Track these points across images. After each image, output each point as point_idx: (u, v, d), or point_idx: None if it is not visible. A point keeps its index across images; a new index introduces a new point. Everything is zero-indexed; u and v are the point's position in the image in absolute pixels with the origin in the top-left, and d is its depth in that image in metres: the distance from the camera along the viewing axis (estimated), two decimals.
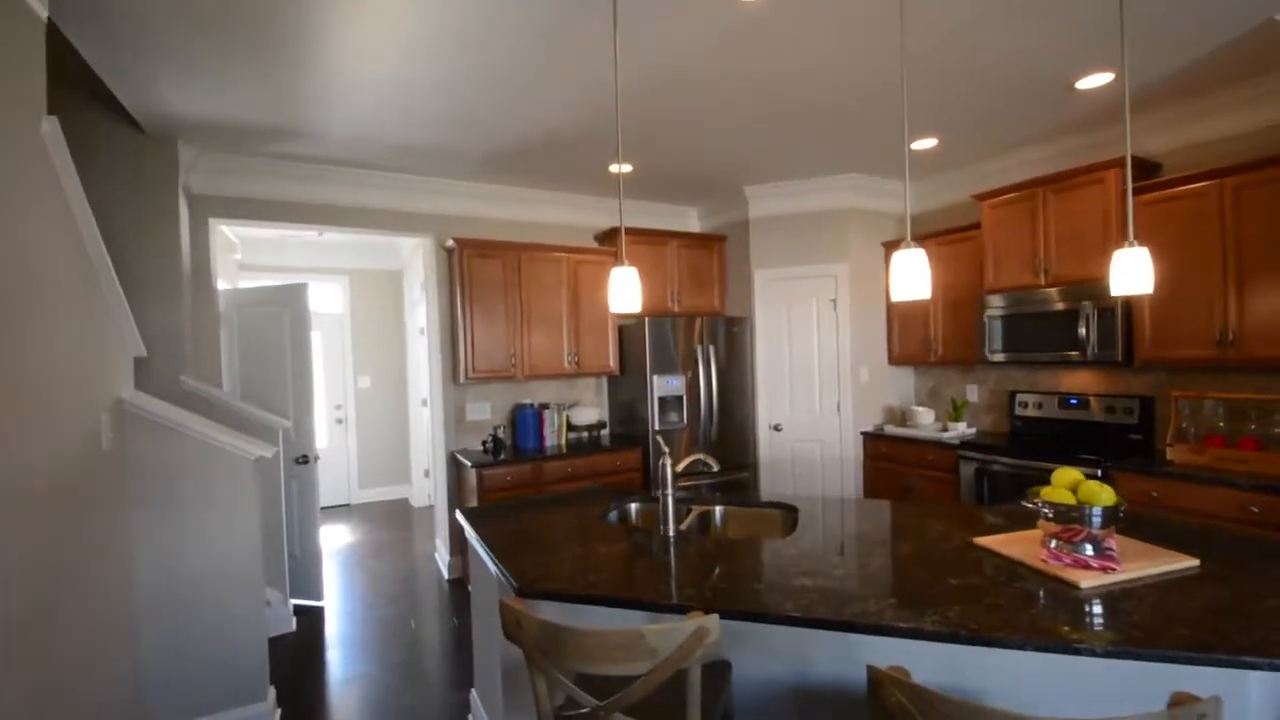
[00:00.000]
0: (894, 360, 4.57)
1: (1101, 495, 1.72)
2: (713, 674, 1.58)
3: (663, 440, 4.19)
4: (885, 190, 4.55)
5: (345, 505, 6.53)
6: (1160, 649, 1.23)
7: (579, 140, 3.53)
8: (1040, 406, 3.88)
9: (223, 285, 4.17)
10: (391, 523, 5.82)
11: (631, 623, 1.81)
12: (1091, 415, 3.63)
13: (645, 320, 4.17)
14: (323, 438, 6.44)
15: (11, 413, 1.56)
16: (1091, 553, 1.71)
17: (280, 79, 2.71)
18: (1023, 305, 3.65)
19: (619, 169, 2.73)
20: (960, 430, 4.05)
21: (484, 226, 4.40)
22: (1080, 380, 3.78)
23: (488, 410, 4.38)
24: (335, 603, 3.91)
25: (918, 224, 4.65)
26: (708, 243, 4.82)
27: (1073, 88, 3.03)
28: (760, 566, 1.75)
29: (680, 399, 4.28)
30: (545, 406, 4.38)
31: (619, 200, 2.08)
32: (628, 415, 4.51)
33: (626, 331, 4.48)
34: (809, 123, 3.39)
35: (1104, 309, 3.30)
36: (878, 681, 1.09)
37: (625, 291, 1.91)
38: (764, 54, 2.61)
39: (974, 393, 4.34)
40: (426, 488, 6.40)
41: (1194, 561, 1.65)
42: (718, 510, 2.49)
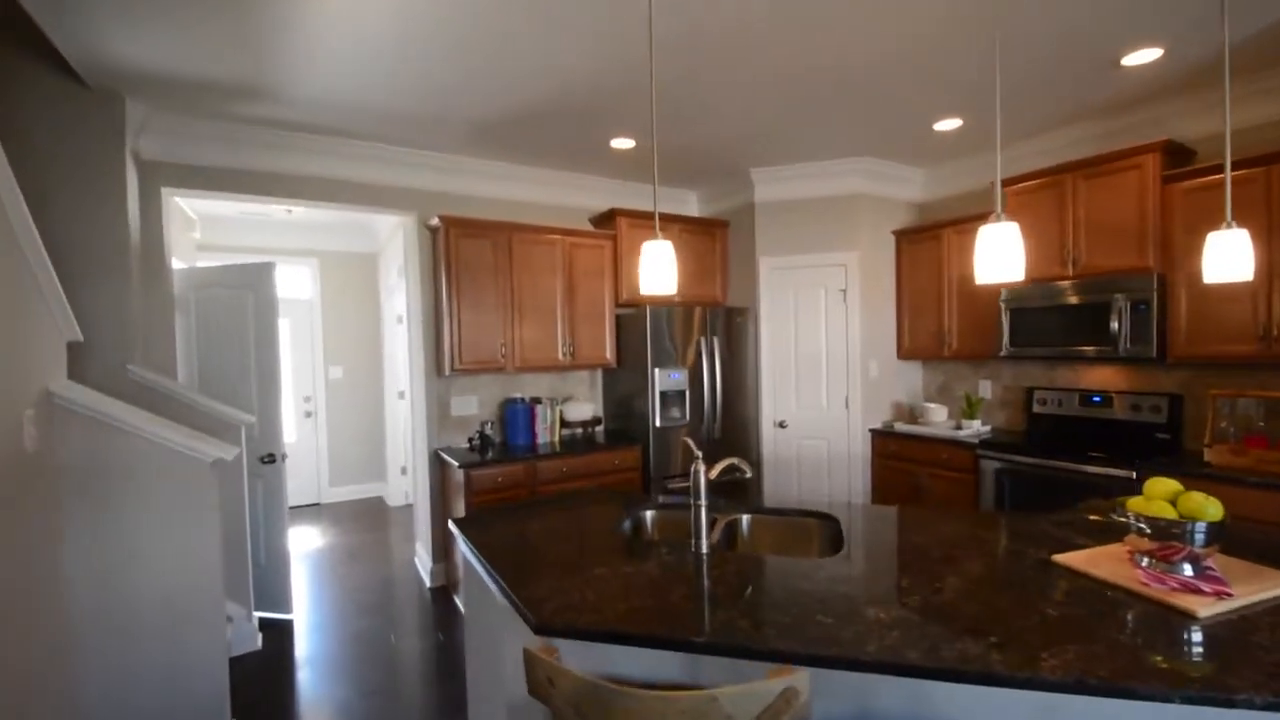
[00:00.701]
0: (903, 354, 4.37)
1: (1208, 509, 1.50)
2: None
3: (661, 437, 3.99)
4: (898, 176, 4.33)
5: (315, 505, 6.12)
6: None
7: (578, 111, 3.22)
8: (1059, 404, 3.71)
9: (178, 264, 3.76)
10: (366, 524, 5.45)
11: (664, 663, 1.55)
12: (1115, 413, 3.47)
13: (646, 309, 3.89)
14: (291, 432, 6.02)
15: None
16: (1191, 573, 1.49)
17: (245, 25, 2.34)
18: (1047, 297, 3.46)
19: (652, 128, 2.43)
20: (975, 428, 3.86)
21: (471, 205, 4.06)
22: (1102, 377, 3.62)
23: (474, 404, 4.05)
24: (305, 615, 3.56)
25: (931, 211, 4.45)
26: (710, 229, 4.55)
27: (1118, 64, 2.83)
28: (822, 594, 1.49)
29: (682, 394, 4.01)
30: (537, 401, 4.07)
31: (653, 153, 1.80)
32: (625, 411, 4.23)
33: (624, 321, 4.19)
34: (828, 98, 3.13)
35: (1137, 302, 3.12)
36: None
37: (660, 269, 1.63)
38: (796, 15, 2.34)
39: (987, 389, 4.16)
40: (403, 486, 6.04)
41: None
42: (745, 520, 2.23)
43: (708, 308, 4.11)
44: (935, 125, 3.54)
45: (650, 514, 2.33)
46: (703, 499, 1.80)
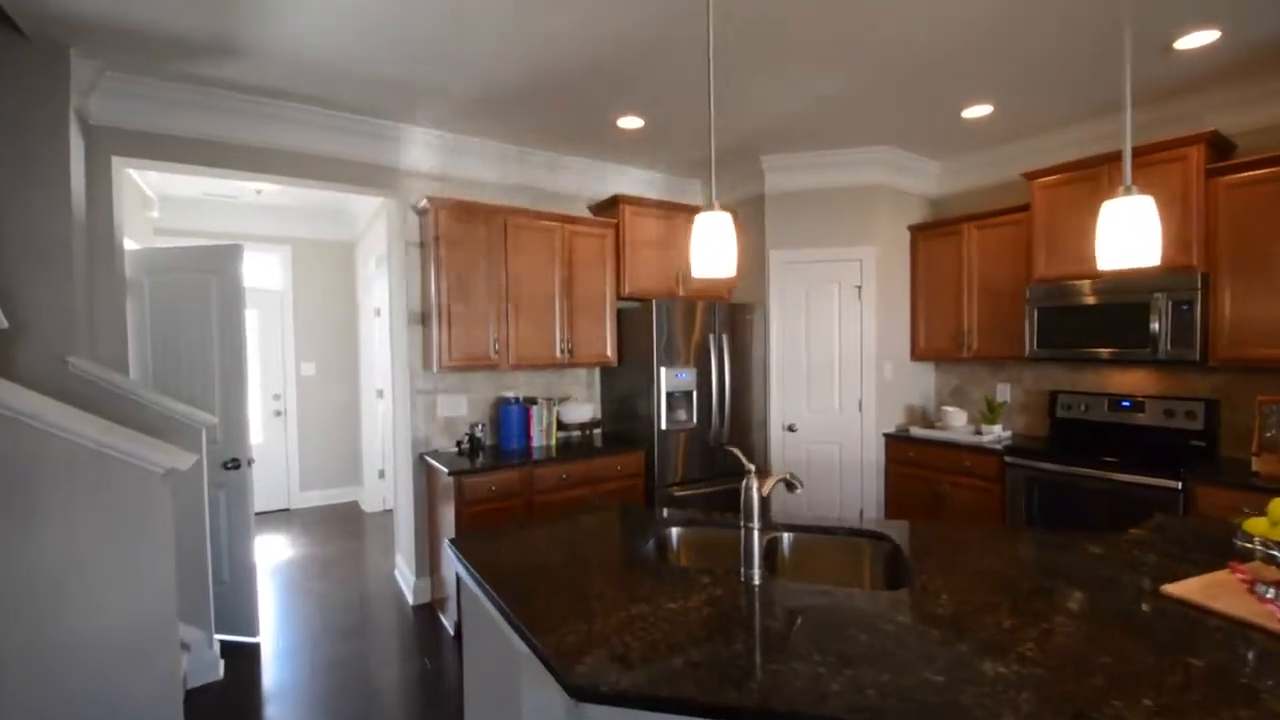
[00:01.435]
0: (918, 355, 4.17)
1: None
2: None
3: (665, 441, 3.71)
4: (917, 168, 4.12)
5: (284, 510, 5.71)
6: None
7: (586, 82, 2.93)
8: (1085, 409, 3.53)
9: (132, 245, 3.37)
10: (340, 531, 5.07)
11: None
12: (1146, 419, 3.30)
13: (652, 303, 3.61)
14: (258, 433, 5.60)
15: None
16: None
17: None
18: (1078, 296, 3.28)
19: (709, 72, 2.15)
20: (997, 433, 3.67)
21: (460, 187, 3.73)
22: (1131, 380, 3.44)
23: (463, 405, 3.73)
24: (273, 639, 3.20)
25: (944, 207, 4.25)
26: None
27: (1170, 48, 2.64)
28: (915, 640, 1.23)
29: (689, 394, 3.74)
30: (532, 402, 3.76)
31: (709, 106, 1.52)
32: (625, 412, 3.95)
33: (625, 317, 3.91)
34: (856, 80, 2.90)
35: (1179, 301, 2.95)
36: None
37: (718, 247, 1.35)
38: None
39: (1005, 392, 3.97)
40: (381, 490, 5.67)
41: None
42: (786, 539, 1.97)
43: (714, 303, 3.85)
44: (964, 112, 3.33)
45: (676, 532, 2.06)
46: (755, 520, 1.53)
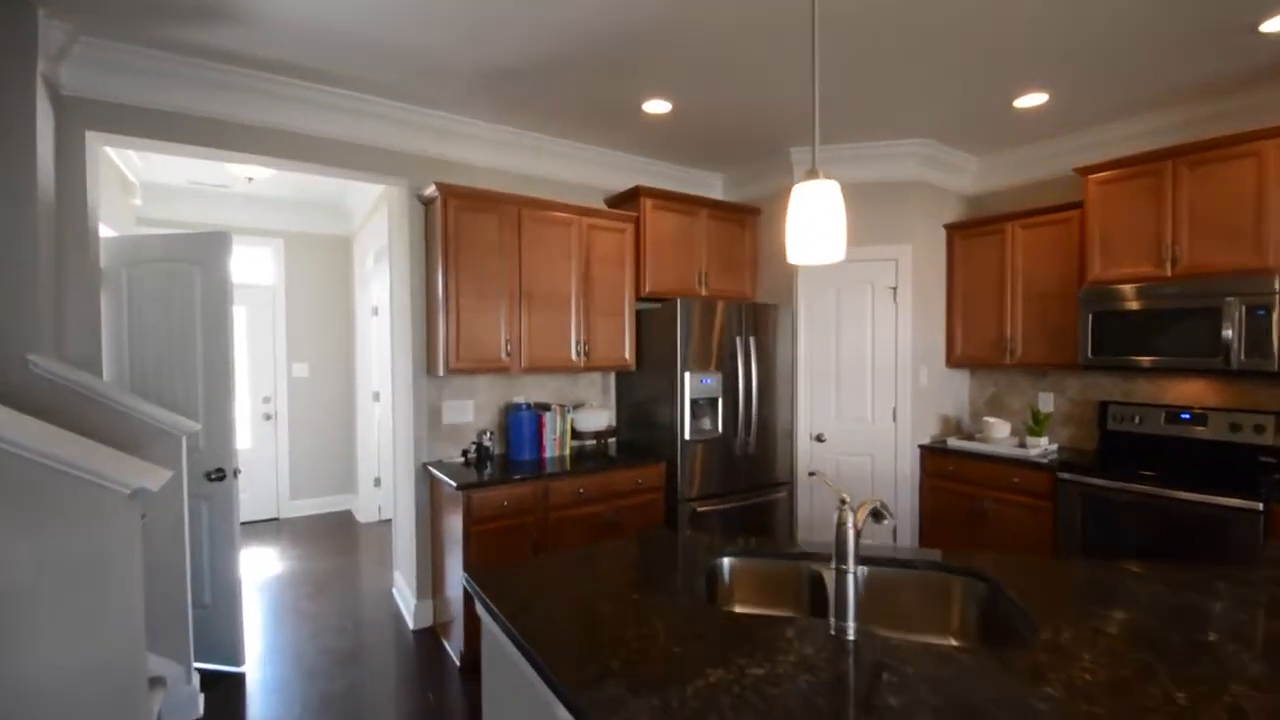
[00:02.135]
0: (954, 362, 3.92)
1: None
2: None
3: (688, 452, 3.43)
4: (955, 163, 3.88)
5: (273, 520, 5.39)
6: None
7: (613, 60, 2.67)
8: (1139, 420, 3.30)
9: (109, 232, 3.08)
10: (333, 544, 4.76)
11: None
12: (1209, 433, 3.06)
13: (677, 302, 3.34)
14: (247, 438, 5.29)
15: None
16: None
17: None
18: (1140, 300, 3.04)
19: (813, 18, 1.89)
20: (1044, 446, 3.42)
21: (469, 175, 3.46)
22: (1191, 391, 3.21)
23: (470, 411, 3.44)
24: (260, 668, 2.90)
25: (982, 205, 4.02)
26: (740, 216, 4.04)
27: (1255, 30, 2.42)
28: None
29: (715, 401, 3.48)
30: (545, 408, 3.48)
31: (812, 48, 1.26)
32: (642, 420, 3.68)
33: (646, 317, 3.64)
34: (899, 63, 2.65)
35: (1254, 307, 2.72)
36: None
37: (825, 223, 1.08)
38: None
39: (1049, 402, 3.74)
40: (376, 499, 5.36)
41: None
42: (858, 574, 1.70)
43: (745, 304, 3.59)
44: (1017, 101, 3.09)
45: (728, 563, 1.79)
46: (851, 563, 1.27)
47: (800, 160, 3.80)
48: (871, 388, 3.78)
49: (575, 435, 3.57)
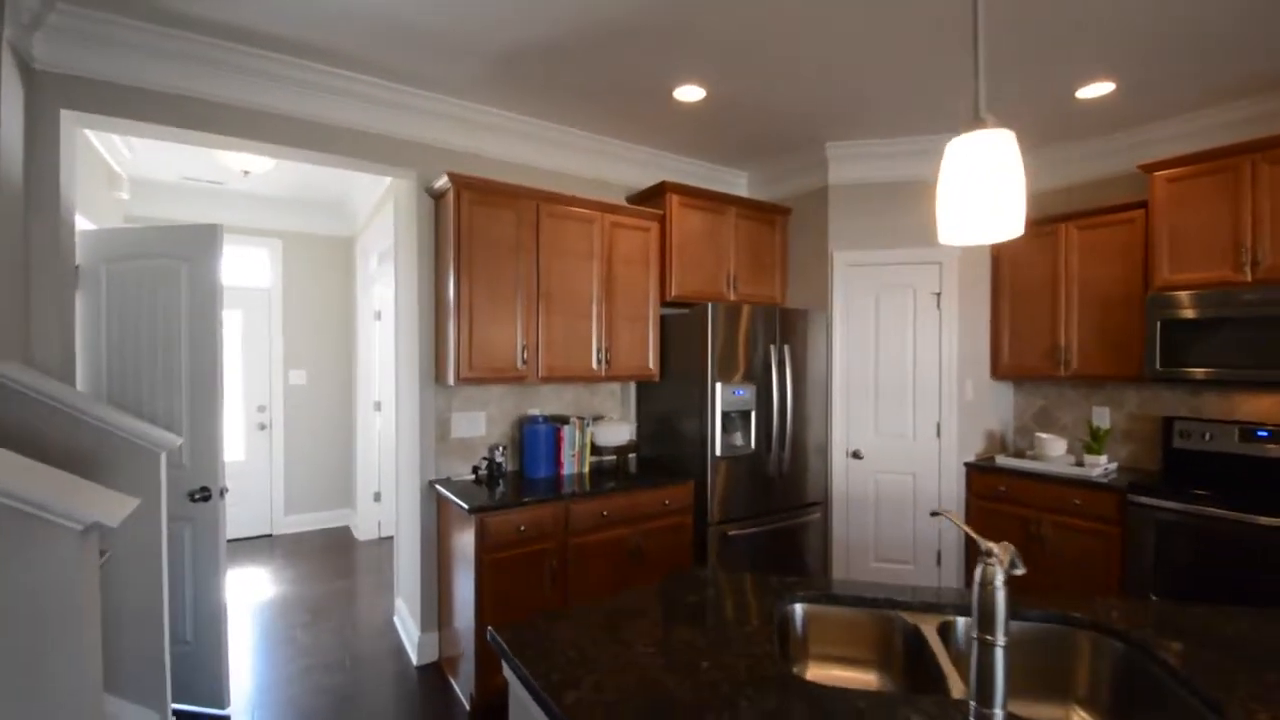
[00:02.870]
0: (1000, 373, 3.66)
1: None
2: None
3: (719, 470, 3.14)
4: None
5: (266, 536, 5.09)
6: None
7: (647, 38, 2.42)
8: (1208, 438, 3.03)
9: (86, 225, 2.81)
10: (329, 564, 4.46)
11: None
12: None
13: (709, 307, 3.08)
14: (239, 449, 4.99)
15: None
16: None
17: None
18: (1217, 306, 2.78)
19: None
20: (1104, 465, 3.15)
21: (483, 168, 3.20)
22: (1266, 406, 2.95)
23: (481, 423, 3.16)
24: (247, 711, 2.59)
25: (1041, 204, 3.75)
26: (770, 216, 3.78)
27: None
28: None
29: (747, 415, 3.20)
30: (563, 421, 3.21)
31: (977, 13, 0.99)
32: (665, 434, 3.40)
33: (669, 323, 3.38)
34: (948, 50, 2.40)
35: None
36: None
37: (997, 188, 0.82)
38: None
39: (1103, 416, 3.47)
40: (377, 514, 5.07)
41: None
42: (960, 623, 1.42)
43: (778, 311, 3.33)
44: (1080, 91, 2.85)
45: (801, 610, 1.51)
46: (1000, 634, 0.99)
47: (836, 156, 3.55)
48: (913, 400, 3.51)
49: (594, 450, 3.29)
